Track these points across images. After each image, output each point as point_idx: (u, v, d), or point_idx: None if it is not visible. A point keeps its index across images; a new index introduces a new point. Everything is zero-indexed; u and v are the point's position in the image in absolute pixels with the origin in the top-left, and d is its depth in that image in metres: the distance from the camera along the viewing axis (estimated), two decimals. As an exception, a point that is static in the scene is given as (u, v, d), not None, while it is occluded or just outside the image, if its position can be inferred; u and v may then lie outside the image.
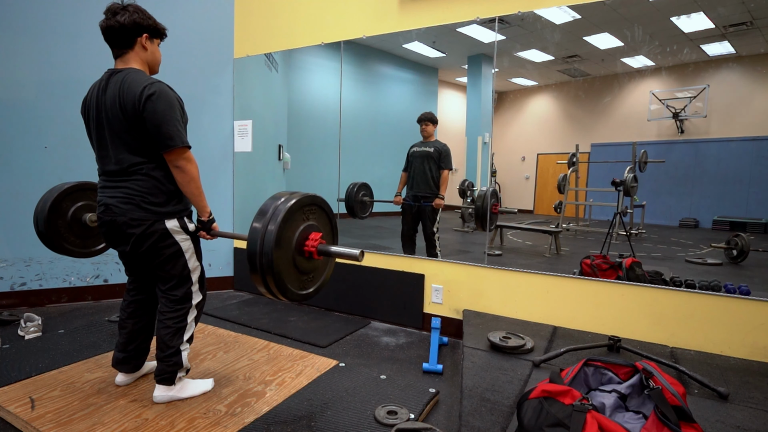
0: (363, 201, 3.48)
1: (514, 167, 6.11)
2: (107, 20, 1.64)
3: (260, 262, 1.46)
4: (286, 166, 4.43)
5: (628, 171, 4.17)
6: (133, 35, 1.68)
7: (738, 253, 3.71)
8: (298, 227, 1.56)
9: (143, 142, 1.64)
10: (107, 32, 1.67)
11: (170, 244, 1.71)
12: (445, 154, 3.43)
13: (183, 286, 1.78)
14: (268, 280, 1.48)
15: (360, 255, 1.50)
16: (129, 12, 1.65)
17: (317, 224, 1.64)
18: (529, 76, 5.67)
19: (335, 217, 1.74)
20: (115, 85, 1.64)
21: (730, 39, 3.94)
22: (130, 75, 1.64)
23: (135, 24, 1.66)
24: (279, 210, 1.49)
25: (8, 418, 1.71)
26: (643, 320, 2.28)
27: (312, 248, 1.56)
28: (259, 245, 1.45)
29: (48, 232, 2.11)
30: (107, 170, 1.72)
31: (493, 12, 2.62)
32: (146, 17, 1.72)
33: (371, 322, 3.08)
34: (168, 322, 1.75)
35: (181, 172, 1.65)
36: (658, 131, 5.14)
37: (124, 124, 1.63)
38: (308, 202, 1.59)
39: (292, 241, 1.53)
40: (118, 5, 1.67)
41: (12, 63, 3.04)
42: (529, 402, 1.30)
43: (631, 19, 3.15)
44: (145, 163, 1.66)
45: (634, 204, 4.54)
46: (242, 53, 3.70)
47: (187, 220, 1.75)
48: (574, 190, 5.19)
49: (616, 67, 4.80)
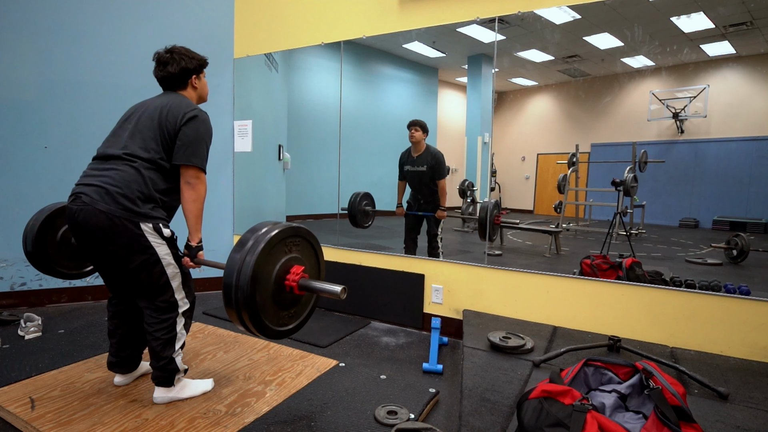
0: (365, 210, 3.47)
1: (514, 167, 6.10)
2: (159, 71, 1.80)
3: (236, 296, 1.39)
4: (286, 166, 4.43)
5: (628, 171, 4.17)
6: (184, 80, 1.83)
7: (738, 253, 3.71)
8: (279, 260, 1.50)
9: (160, 148, 1.67)
10: (161, 81, 1.83)
11: (144, 248, 1.62)
12: (438, 166, 3.33)
13: (164, 295, 1.70)
14: (244, 316, 1.41)
15: (342, 292, 1.45)
16: (176, 60, 1.79)
17: (301, 256, 1.58)
18: (529, 76, 5.67)
19: (321, 248, 1.68)
20: (165, 98, 1.76)
21: (730, 39, 3.94)
22: (180, 97, 1.79)
23: (184, 70, 1.81)
24: (259, 241, 1.42)
25: (8, 418, 1.71)
26: (643, 320, 2.28)
27: (293, 283, 1.50)
28: (235, 278, 1.39)
29: (36, 253, 2.07)
30: (104, 153, 1.69)
31: (493, 12, 2.62)
32: (191, 58, 1.85)
33: (371, 322, 3.08)
34: (156, 334, 1.70)
35: (191, 189, 1.69)
36: (658, 131, 5.13)
37: (155, 129, 1.67)
38: (291, 233, 1.53)
39: (271, 274, 1.46)
40: (164, 55, 1.80)
41: (13, 63, 3.04)
42: (529, 402, 1.30)
43: (631, 19, 3.15)
44: (143, 159, 1.64)
45: (634, 204, 4.54)
46: (242, 53, 3.70)
47: (162, 226, 1.66)
48: (574, 190, 5.19)
49: (616, 67, 4.80)
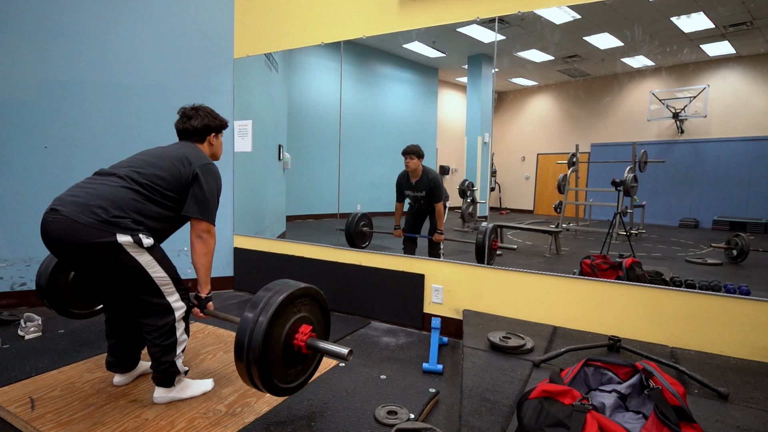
0: (362, 231, 3.48)
1: (514, 167, 6.10)
2: (183, 123, 1.90)
3: (247, 355, 1.44)
4: (286, 166, 4.44)
5: (628, 171, 4.17)
6: (204, 135, 1.94)
7: (738, 253, 3.71)
8: (289, 320, 1.54)
9: (167, 185, 1.69)
10: (181, 133, 1.93)
11: (124, 258, 1.56)
12: (435, 190, 3.33)
13: (156, 301, 1.67)
14: (253, 373, 1.45)
15: (348, 354, 1.50)
16: (200, 116, 1.90)
17: (309, 315, 1.63)
18: (529, 76, 5.67)
19: (328, 305, 1.73)
20: (183, 146, 1.85)
21: (730, 39, 3.94)
22: (197, 149, 1.88)
23: (206, 127, 1.92)
24: (271, 303, 1.48)
25: (8, 418, 1.71)
26: (643, 320, 2.28)
27: (301, 342, 1.54)
28: (248, 338, 1.44)
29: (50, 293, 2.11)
30: (104, 170, 1.69)
31: (493, 12, 2.62)
32: (214, 118, 1.95)
33: (371, 322, 3.08)
34: (156, 341, 1.68)
35: (203, 243, 1.74)
36: (658, 131, 5.13)
37: (167, 168, 1.70)
38: (300, 294, 1.58)
39: (281, 335, 1.51)
40: (190, 110, 1.91)
41: (12, 63, 3.04)
42: (529, 402, 1.30)
43: (631, 19, 3.15)
44: (142, 186, 1.63)
45: (634, 204, 4.54)
46: (242, 53, 3.70)
47: (143, 236, 1.58)
48: (574, 190, 5.18)
49: (616, 67, 4.80)
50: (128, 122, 3.34)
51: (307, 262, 3.39)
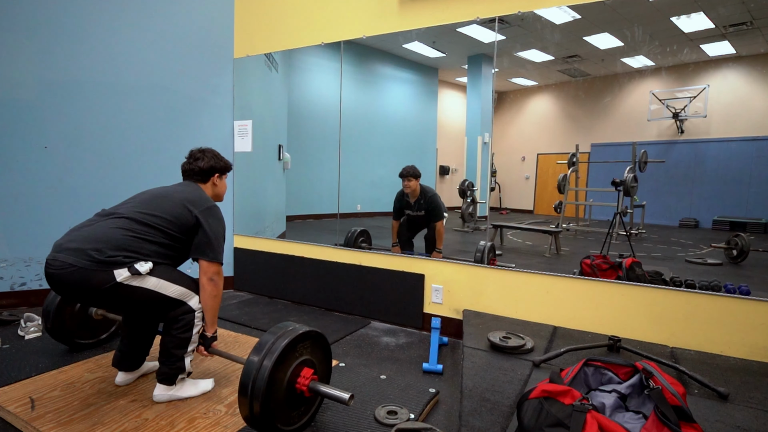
0: (361, 248, 3.48)
1: (514, 167, 6.11)
2: (189, 164, 1.98)
3: (251, 398, 1.44)
4: (286, 166, 4.44)
5: (628, 171, 4.17)
6: (208, 176, 2.00)
7: (738, 253, 3.71)
8: (292, 364, 1.56)
9: (171, 225, 1.73)
10: (186, 173, 1.99)
11: (131, 291, 1.61)
12: (435, 209, 3.35)
13: (176, 309, 1.75)
14: (255, 412, 1.46)
15: (349, 399, 1.51)
16: (207, 158, 1.98)
17: (311, 358, 1.64)
18: (529, 76, 5.67)
19: (329, 347, 1.74)
20: (187, 187, 1.91)
21: (730, 39, 3.94)
22: (200, 190, 1.95)
23: (211, 168, 1.99)
24: (275, 348, 1.50)
25: (8, 418, 1.71)
26: (643, 320, 2.28)
27: (303, 387, 1.56)
28: (251, 381, 1.45)
29: (56, 327, 2.20)
30: (108, 211, 1.75)
31: (493, 12, 2.62)
32: (219, 160, 2.03)
33: (371, 322, 3.08)
34: (172, 332, 1.76)
35: (213, 285, 1.79)
36: (658, 131, 5.14)
37: (170, 209, 1.75)
38: (303, 337, 1.59)
39: (284, 379, 1.53)
40: (198, 152, 1.99)
41: (12, 63, 3.04)
42: (529, 402, 1.30)
43: (631, 19, 3.15)
44: (145, 225, 1.68)
45: (634, 204, 4.54)
46: (242, 53, 3.70)
47: (137, 266, 1.61)
48: (574, 190, 5.19)
49: (616, 67, 4.80)
50: (128, 122, 3.33)
51: (307, 262, 3.39)
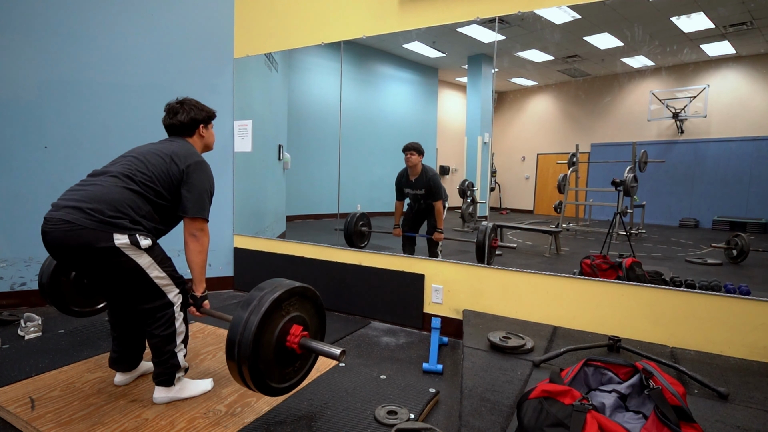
0: (361, 231, 3.48)
1: (514, 167, 6.10)
2: (169, 119, 1.87)
3: (238, 355, 1.43)
4: (286, 166, 4.44)
5: (628, 171, 4.17)
6: (192, 129, 1.90)
7: (738, 253, 3.71)
8: (281, 320, 1.54)
9: (158, 182, 1.68)
10: (169, 128, 1.89)
11: (123, 262, 1.58)
12: (434, 189, 3.35)
13: (156, 298, 1.70)
14: (244, 372, 1.44)
15: (341, 355, 1.51)
16: (186, 110, 1.86)
17: (302, 315, 1.62)
18: (529, 76, 5.67)
19: (321, 303, 1.71)
20: (172, 144, 1.82)
21: (730, 39, 3.94)
22: (187, 144, 1.86)
23: (193, 120, 1.88)
24: (262, 303, 1.47)
25: (8, 418, 1.71)
26: (643, 320, 2.28)
27: (294, 344, 1.55)
28: (238, 337, 1.43)
29: (51, 290, 2.14)
30: (97, 170, 1.70)
31: (493, 12, 2.62)
32: (201, 110, 1.91)
33: (371, 322, 3.08)
34: (155, 332, 1.71)
35: (196, 241, 1.74)
36: (658, 131, 5.13)
37: (158, 166, 1.70)
38: (292, 293, 1.57)
39: (273, 335, 1.51)
40: (176, 105, 1.87)
41: (13, 63, 3.04)
42: (529, 402, 1.30)
43: (631, 19, 3.15)
44: (135, 182, 1.64)
45: (634, 204, 4.54)
46: (242, 53, 3.70)
47: (140, 237, 1.59)
48: (574, 190, 5.18)
49: (616, 67, 4.80)
50: (128, 122, 3.33)
51: (307, 262, 3.39)
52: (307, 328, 1.62)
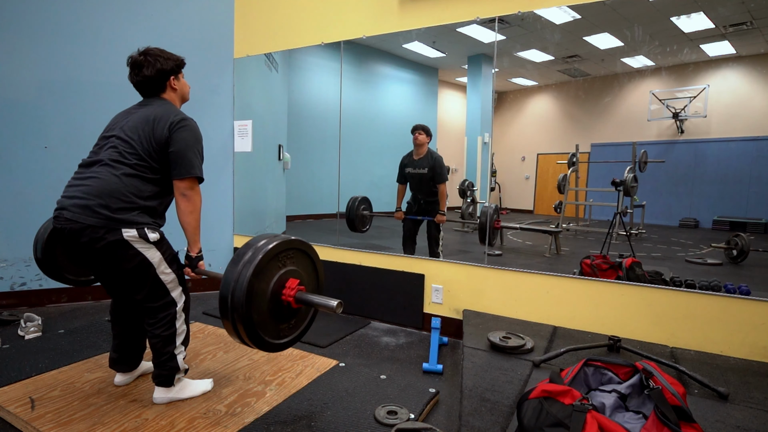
0: (363, 215, 3.48)
1: (514, 167, 6.10)
2: (135, 75, 1.75)
3: (232, 311, 1.39)
4: (286, 166, 4.44)
5: (628, 171, 4.17)
6: (162, 82, 1.77)
7: (738, 253, 3.71)
8: (274, 276, 1.50)
9: (147, 156, 1.65)
10: (138, 86, 1.78)
11: (132, 255, 1.59)
12: (438, 169, 3.35)
13: (160, 296, 1.70)
14: (239, 328, 1.41)
15: (338, 306, 1.46)
16: (151, 62, 1.73)
17: (297, 268, 1.58)
18: (529, 76, 5.67)
19: (317, 257, 1.67)
20: (150, 108, 1.72)
21: (730, 39, 3.94)
22: (165, 104, 1.75)
23: (160, 72, 1.75)
24: (254, 256, 1.43)
25: (8, 418, 1.71)
26: (643, 320, 2.28)
27: (290, 298, 1.51)
28: (230, 293, 1.40)
29: (45, 259, 2.05)
30: (85, 161, 1.69)
31: (493, 12, 2.62)
32: (167, 59, 1.78)
33: (371, 322, 3.08)
34: (156, 331, 1.70)
35: (187, 201, 1.67)
36: (658, 131, 5.13)
37: (142, 138, 1.64)
38: (285, 247, 1.52)
39: (267, 291, 1.47)
40: (139, 57, 1.74)
41: (12, 63, 3.04)
42: (529, 402, 1.30)
43: (631, 19, 3.15)
44: (128, 165, 1.62)
45: (634, 204, 4.54)
46: (242, 53, 3.70)
47: (148, 231, 1.62)
48: (574, 190, 5.19)
49: (616, 67, 4.80)
50: (128, 122, 3.33)
51: (307, 262, 3.39)
52: (303, 283, 1.57)
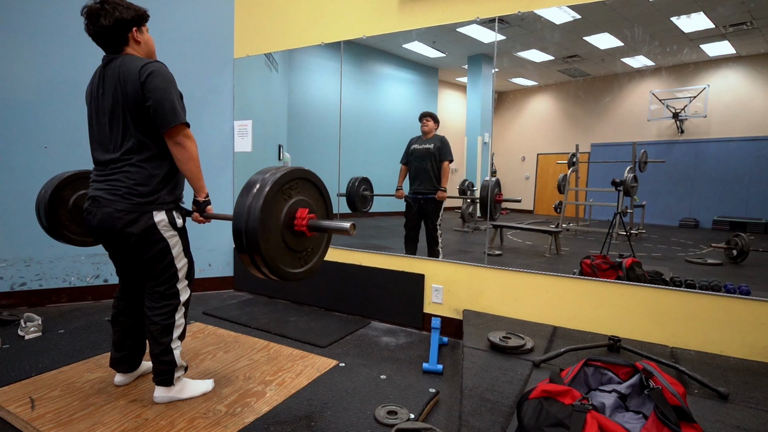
0: (364, 195, 3.49)
1: (514, 167, 6.10)
2: (92, 26, 1.59)
3: (248, 243, 1.39)
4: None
5: (628, 171, 4.17)
6: (122, 34, 1.63)
7: (738, 253, 3.71)
8: (285, 205, 1.50)
9: (141, 123, 1.62)
10: (96, 38, 1.64)
11: (157, 240, 1.68)
12: (444, 147, 3.46)
13: (169, 283, 1.75)
14: (257, 260, 1.42)
15: (351, 228, 1.48)
16: (109, 11, 1.57)
17: (307, 199, 1.59)
18: (529, 76, 5.67)
19: (323, 185, 1.68)
20: (114, 70, 1.61)
21: (730, 39, 3.94)
22: (127, 58, 1.62)
23: (119, 22, 1.60)
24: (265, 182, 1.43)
25: (8, 418, 1.71)
26: (643, 320, 2.28)
27: (302, 227, 1.52)
28: (244, 222, 1.39)
29: (49, 220, 2.06)
30: (99, 160, 1.70)
31: (493, 12, 2.62)
32: (127, 8, 1.62)
33: (371, 322, 3.08)
34: (155, 318, 1.74)
35: (181, 149, 1.62)
36: (658, 131, 5.13)
37: (123, 106, 1.60)
38: (290, 177, 1.52)
39: (279, 219, 1.48)
40: (95, 6, 1.58)
41: (12, 63, 3.04)
42: (529, 402, 1.30)
43: (631, 19, 3.15)
44: (135, 152, 1.63)
45: (634, 204, 4.54)
46: (242, 53, 3.70)
47: (176, 215, 1.72)
48: (574, 190, 5.18)
49: (616, 67, 4.79)
50: (128, 122, 3.33)
51: (307, 262, 3.39)
52: (313, 211, 1.59)
